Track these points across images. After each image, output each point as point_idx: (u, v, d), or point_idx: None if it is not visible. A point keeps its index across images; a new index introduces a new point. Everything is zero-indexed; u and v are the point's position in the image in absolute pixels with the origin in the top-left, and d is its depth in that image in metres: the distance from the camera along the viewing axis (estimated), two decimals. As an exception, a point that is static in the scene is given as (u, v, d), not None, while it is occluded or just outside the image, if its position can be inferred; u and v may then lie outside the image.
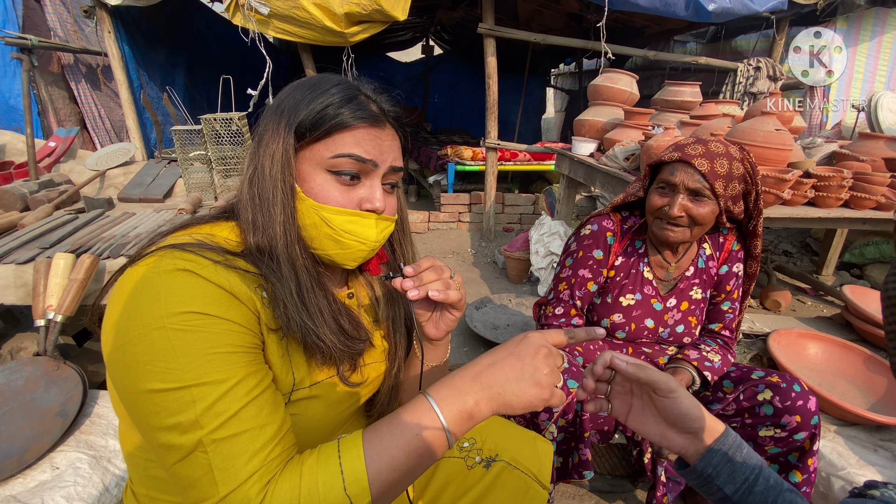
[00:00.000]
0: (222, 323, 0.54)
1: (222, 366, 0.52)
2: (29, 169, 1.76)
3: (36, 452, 1.04)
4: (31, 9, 3.68)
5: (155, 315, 0.51)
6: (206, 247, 0.58)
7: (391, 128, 0.68)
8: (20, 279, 1.24)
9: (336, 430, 0.73)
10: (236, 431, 0.51)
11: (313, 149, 0.63)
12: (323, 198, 0.63)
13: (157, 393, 0.50)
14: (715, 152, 1.08)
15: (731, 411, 1.21)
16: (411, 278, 0.65)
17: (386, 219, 0.68)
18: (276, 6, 2.93)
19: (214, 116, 1.74)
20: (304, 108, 0.63)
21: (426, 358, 0.77)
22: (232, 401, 0.52)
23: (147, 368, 0.51)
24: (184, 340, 0.51)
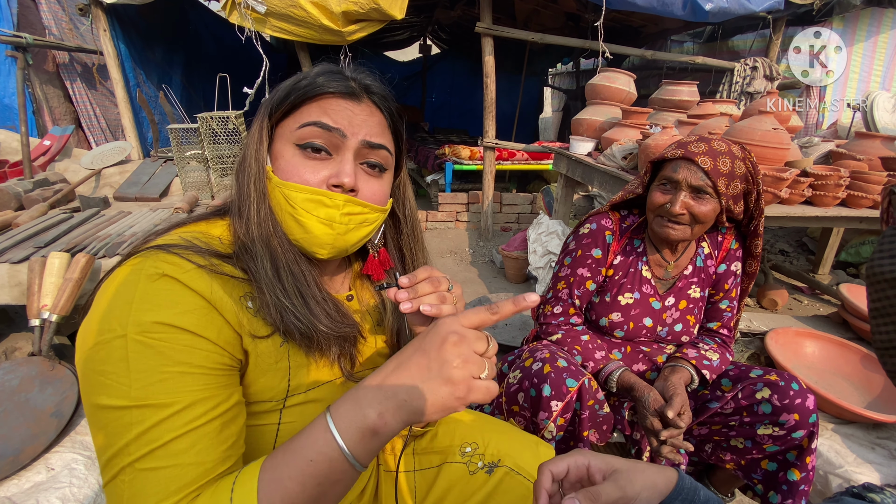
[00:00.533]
0: (189, 338, 0.51)
1: (172, 388, 0.49)
2: (24, 168, 1.75)
3: (31, 453, 1.03)
4: (25, 7, 3.66)
5: (122, 321, 0.50)
6: (195, 249, 0.57)
7: (371, 103, 0.65)
8: (14, 278, 1.23)
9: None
10: (158, 465, 0.47)
11: (284, 124, 0.63)
12: (289, 173, 0.61)
13: (103, 409, 0.49)
14: (718, 150, 1.08)
15: (730, 409, 1.21)
16: (406, 289, 0.60)
17: (358, 203, 0.62)
18: (274, 4, 2.92)
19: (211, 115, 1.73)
20: (282, 89, 0.63)
21: None
22: (166, 430, 0.48)
23: (100, 380, 0.49)
24: (141, 354, 0.49)
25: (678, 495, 0.53)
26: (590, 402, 1.08)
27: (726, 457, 1.25)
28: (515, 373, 1.17)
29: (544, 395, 1.06)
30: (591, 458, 0.55)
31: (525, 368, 1.14)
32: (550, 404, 1.05)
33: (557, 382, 1.06)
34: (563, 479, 0.56)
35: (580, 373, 1.10)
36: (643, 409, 1.08)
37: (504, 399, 1.18)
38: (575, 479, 0.56)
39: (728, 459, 1.25)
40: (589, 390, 1.08)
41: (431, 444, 0.90)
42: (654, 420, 1.05)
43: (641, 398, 1.09)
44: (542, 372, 1.10)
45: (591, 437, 1.14)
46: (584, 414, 1.08)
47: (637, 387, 1.12)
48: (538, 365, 1.12)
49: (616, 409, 1.29)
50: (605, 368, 1.20)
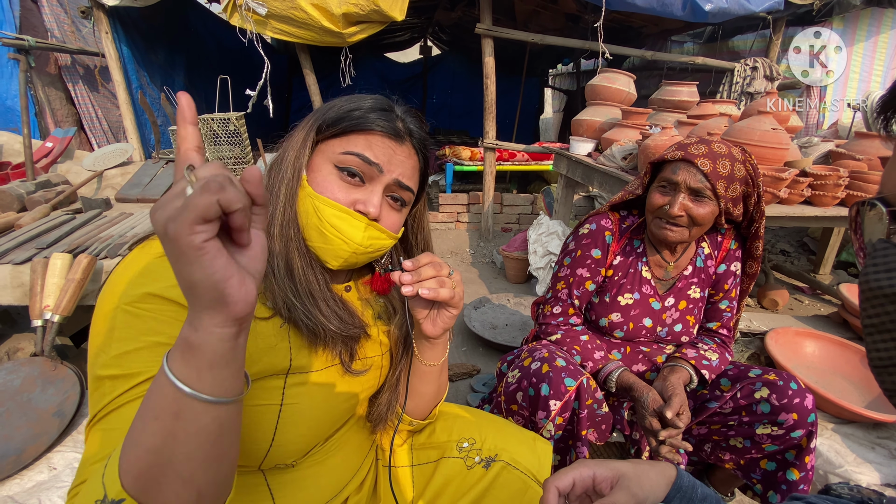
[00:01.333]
0: (175, 309, 0.52)
1: (144, 357, 0.50)
2: (26, 169, 1.76)
3: (33, 453, 1.04)
4: (28, 9, 3.67)
5: (119, 293, 0.53)
6: None
7: (411, 147, 0.69)
8: (17, 279, 1.24)
9: (333, 425, 0.74)
10: (116, 426, 0.48)
11: (329, 143, 0.66)
12: (322, 188, 0.64)
13: (92, 378, 0.52)
14: (718, 153, 1.09)
15: (729, 409, 1.21)
16: (409, 273, 0.64)
17: (379, 229, 0.67)
18: (274, 7, 2.93)
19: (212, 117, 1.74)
20: (334, 109, 0.67)
21: (424, 357, 0.78)
22: (128, 397, 0.49)
23: (91, 350, 0.53)
24: (125, 323, 0.51)
25: (676, 492, 0.53)
26: (588, 402, 1.08)
27: (725, 456, 1.25)
28: (514, 372, 1.17)
29: (543, 394, 1.07)
30: (595, 467, 0.55)
31: (524, 368, 1.15)
32: (549, 403, 1.06)
33: (556, 382, 1.07)
34: (569, 493, 0.56)
35: (579, 372, 1.11)
36: (642, 408, 1.08)
37: (503, 398, 1.18)
38: (581, 491, 0.56)
39: (727, 459, 1.25)
40: (587, 390, 1.09)
41: (429, 440, 0.92)
42: (652, 420, 1.06)
43: (640, 398, 1.09)
44: (540, 371, 1.10)
45: (590, 436, 1.15)
46: (583, 413, 1.08)
47: (636, 387, 1.12)
48: (537, 364, 1.12)
49: (615, 409, 1.29)
50: (605, 368, 1.20)
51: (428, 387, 0.81)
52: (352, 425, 0.81)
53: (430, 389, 0.82)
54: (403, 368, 0.81)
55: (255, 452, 0.64)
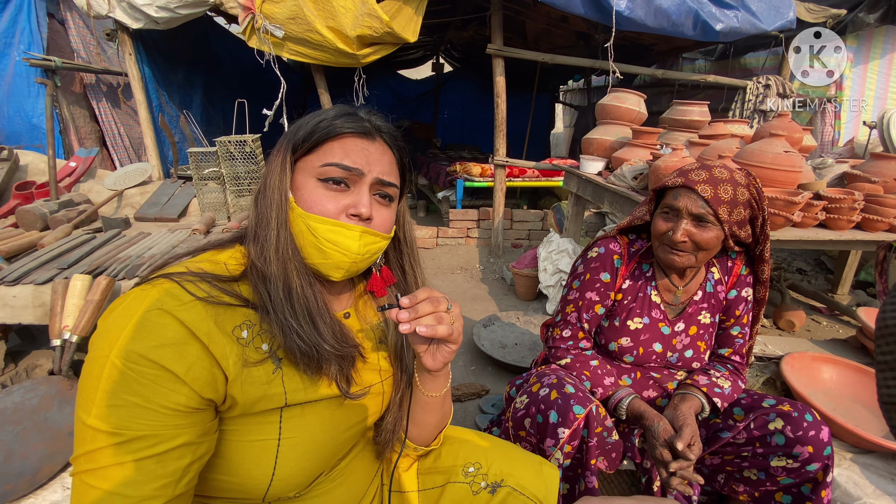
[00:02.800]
0: (161, 375, 0.55)
1: (124, 415, 0.54)
2: (50, 189, 1.82)
3: (48, 472, 1.06)
4: (55, 31, 3.84)
5: (111, 344, 0.55)
6: (200, 277, 0.62)
7: (382, 142, 0.72)
8: (38, 299, 1.27)
9: (336, 455, 0.74)
10: (95, 484, 0.53)
11: (307, 160, 0.68)
12: (312, 204, 0.66)
13: (77, 418, 0.56)
14: (719, 178, 1.09)
15: (742, 440, 1.19)
16: (407, 310, 0.64)
17: (373, 233, 0.69)
18: (291, 29, 3.01)
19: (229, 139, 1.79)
20: (303, 127, 0.69)
21: (427, 389, 0.78)
22: (107, 455, 0.53)
23: (79, 391, 0.56)
24: (112, 378, 0.54)
25: None
26: (598, 430, 1.07)
27: (739, 488, 1.22)
28: (522, 398, 1.17)
29: (551, 421, 1.06)
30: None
31: (532, 394, 1.14)
32: (557, 431, 1.05)
33: (565, 409, 1.06)
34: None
35: (588, 399, 1.10)
36: (653, 438, 1.07)
37: (511, 424, 1.17)
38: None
39: (741, 491, 1.22)
40: (597, 417, 1.08)
41: (435, 464, 0.91)
42: (663, 451, 1.04)
43: (651, 427, 1.08)
44: (549, 398, 1.09)
45: (600, 464, 1.13)
46: (592, 441, 1.07)
47: (647, 415, 1.11)
48: (545, 391, 1.12)
49: (626, 437, 1.27)
50: (615, 395, 1.19)
51: (431, 416, 0.82)
52: (356, 454, 0.81)
53: (433, 419, 0.82)
54: (406, 391, 0.81)
55: (256, 487, 0.64)
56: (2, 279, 1.30)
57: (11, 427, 1.14)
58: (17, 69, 3.62)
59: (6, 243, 1.46)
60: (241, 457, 0.63)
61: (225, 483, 0.64)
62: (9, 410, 1.16)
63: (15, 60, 3.60)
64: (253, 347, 0.63)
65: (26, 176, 2.12)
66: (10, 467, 1.07)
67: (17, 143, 3.66)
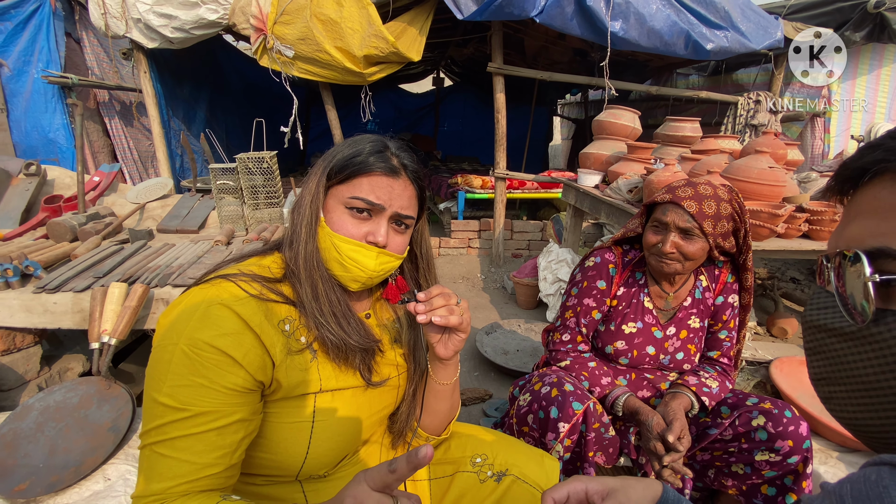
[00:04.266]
0: (222, 360, 0.65)
1: (190, 395, 0.64)
2: (78, 202, 1.93)
3: (91, 465, 1.15)
4: (71, 49, 3.98)
5: (180, 332, 0.65)
6: (253, 277, 0.73)
7: (406, 179, 0.80)
8: (77, 306, 1.37)
9: (359, 439, 0.84)
10: (166, 454, 0.63)
11: (339, 188, 0.77)
12: (339, 227, 0.76)
13: (146, 397, 0.65)
14: (703, 194, 1.20)
15: (729, 436, 1.28)
16: (423, 303, 0.75)
17: (388, 254, 0.78)
18: (301, 50, 3.15)
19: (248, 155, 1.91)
20: (339, 156, 0.78)
21: (438, 377, 0.87)
22: (175, 428, 0.63)
23: (150, 374, 0.66)
24: (180, 362, 0.64)
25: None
26: (595, 425, 1.16)
27: (728, 482, 1.31)
28: (525, 396, 1.26)
29: (552, 416, 1.16)
30: (588, 482, 0.63)
31: (534, 392, 1.24)
32: (558, 426, 1.15)
33: (564, 405, 1.16)
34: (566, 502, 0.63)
35: (586, 397, 1.20)
36: (647, 432, 1.16)
37: (515, 420, 1.27)
38: (576, 503, 0.63)
39: (730, 485, 1.31)
40: (594, 413, 1.17)
41: (445, 456, 1.00)
42: (656, 443, 1.13)
43: (645, 422, 1.18)
44: (550, 395, 1.19)
45: (598, 459, 1.22)
46: (590, 436, 1.17)
47: (642, 411, 1.20)
48: (546, 389, 1.22)
49: (623, 434, 1.37)
50: (612, 393, 1.28)
51: (442, 404, 0.91)
52: (375, 441, 0.91)
53: (444, 406, 0.91)
54: (419, 383, 0.91)
55: (292, 465, 0.75)
56: (43, 287, 1.40)
57: (54, 424, 1.23)
58: (35, 86, 3.76)
59: (43, 254, 1.57)
60: (281, 436, 0.74)
61: (265, 460, 0.74)
62: (51, 409, 1.25)
63: (33, 78, 3.74)
64: (294, 339, 0.73)
65: (53, 190, 2.23)
66: (54, 460, 1.16)
67: (33, 156, 3.78)
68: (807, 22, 3.97)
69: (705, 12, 3.36)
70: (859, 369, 0.41)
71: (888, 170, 0.38)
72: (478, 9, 3.05)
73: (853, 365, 0.42)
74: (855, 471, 0.35)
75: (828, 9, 3.94)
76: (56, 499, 1.10)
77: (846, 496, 0.29)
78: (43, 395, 1.27)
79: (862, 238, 0.40)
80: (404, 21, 3.25)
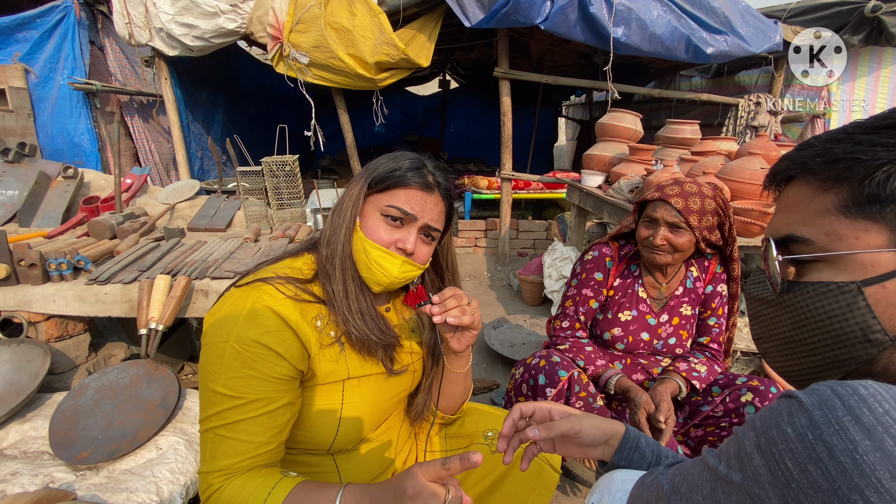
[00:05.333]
0: (265, 352, 0.74)
1: (244, 385, 0.73)
2: (115, 203, 2.08)
3: (145, 435, 1.29)
4: (95, 56, 4.16)
5: (229, 331, 0.74)
6: (288, 280, 0.82)
7: (439, 195, 0.89)
8: (125, 296, 1.52)
9: (381, 418, 0.96)
10: (227, 435, 0.73)
11: (377, 196, 0.86)
12: (372, 231, 0.84)
13: (204, 387, 0.75)
14: (689, 192, 1.33)
15: (720, 412, 1.41)
16: (437, 305, 0.82)
17: (412, 264, 0.86)
18: (315, 57, 3.30)
19: (272, 159, 2.06)
20: (381, 168, 0.87)
21: (452, 366, 0.97)
22: (234, 413, 0.73)
23: (205, 367, 0.75)
24: (232, 357, 0.73)
25: (626, 444, 0.72)
26: (582, 394, 1.30)
27: (719, 455, 1.43)
28: (520, 369, 1.43)
29: (540, 383, 1.31)
30: (553, 405, 0.76)
31: (527, 364, 1.40)
32: (545, 391, 1.29)
33: (551, 373, 1.32)
34: (530, 417, 0.76)
35: (571, 366, 1.35)
36: (634, 407, 1.30)
37: (512, 392, 1.42)
38: (539, 419, 0.75)
39: (720, 458, 1.43)
40: (579, 381, 1.32)
41: (460, 430, 1.13)
42: (642, 417, 1.27)
43: (634, 399, 1.31)
44: (538, 365, 1.36)
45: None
46: (576, 402, 1.30)
47: (632, 389, 1.33)
48: (536, 360, 1.39)
49: (620, 414, 1.49)
50: (605, 374, 1.41)
51: (456, 389, 1.03)
52: (394, 417, 1.03)
53: (458, 391, 1.03)
54: (435, 376, 1.02)
55: (324, 441, 0.86)
56: (94, 279, 1.54)
57: (109, 400, 1.37)
58: (60, 92, 3.94)
59: (89, 250, 1.72)
60: (315, 416, 0.85)
61: (301, 437, 0.86)
62: (106, 387, 1.40)
63: (59, 84, 3.92)
64: (325, 334, 0.83)
65: (89, 192, 2.39)
66: (111, 432, 1.30)
67: (59, 159, 3.96)
68: (805, 26, 4.07)
69: (705, 17, 3.46)
70: (780, 328, 0.53)
71: (794, 176, 0.51)
72: (485, 17, 3.18)
73: (777, 325, 0.53)
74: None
75: (826, 13, 4.03)
76: (115, 465, 1.25)
77: (756, 419, 0.41)
78: (97, 375, 1.42)
79: (778, 227, 0.52)
80: (414, 28, 3.38)
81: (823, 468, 0.33)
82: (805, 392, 0.37)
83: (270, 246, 1.80)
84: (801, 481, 0.34)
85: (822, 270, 0.48)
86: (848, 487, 0.31)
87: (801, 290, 0.49)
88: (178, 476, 1.22)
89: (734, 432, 0.42)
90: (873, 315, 0.44)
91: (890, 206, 0.42)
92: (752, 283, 0.59)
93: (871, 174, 0.43)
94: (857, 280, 0.44)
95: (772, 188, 0.55)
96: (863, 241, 0.44)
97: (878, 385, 0.34)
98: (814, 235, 0.47)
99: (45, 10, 3.87)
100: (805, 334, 0.49)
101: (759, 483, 0.37)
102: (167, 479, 1.20)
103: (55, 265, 1.55)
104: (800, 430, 0.35)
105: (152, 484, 1.18)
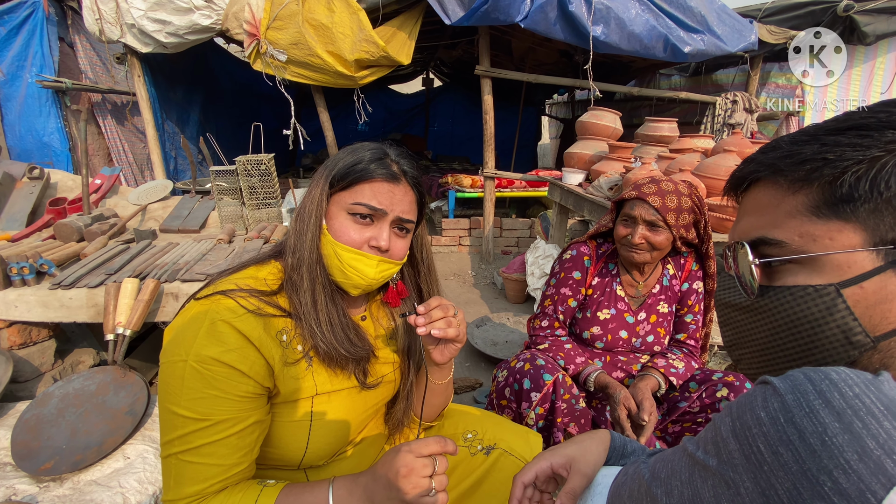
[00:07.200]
0: (227, 371, 0.69)
1: (208, 406, 0.68)
2: (83, 205, 2.01)
3: (111, 444, 1.25)
4: (65, 54, 4.03)
5: (188, 350, 0.69)
6: (251, 292, 0.76)
7: (406, 184, 0.83)
8: (91, 300, 1.47)
9: (355, 432, 0.91)
10: (192, 460, 0.68)
11: (341, 195, 0.80)
12: (341, 233, 0.78)
13: (164, 408, 0.70)
14: (666, 190, 1.33)
15: (697, 408, 1.42)
16: (423, 315, 0.78)
17: (388, 261, 0.81)
18: (294, 54, 3.25)
19: (247, 159, 2.01)
20: (341, 164, 0.81)
21: (433, 377, 0.93)
22: (199, 437, 0.68)
23: (165, 387, 0.70)
24: (193, 377, 0.68)
25: (613, 453, 0.70)
26: (566, 396, 1.29)
27: (695, 451, 1.44)
28: (503, 372, 1.40)
29: (525, 387, 1.29)
30: (550, 457, 0.70)
31: (510, 368, 1.38)
32: (531, 395, 1.28)
33: (536, 377, 1.30)
34: (536, 481, 0.70)
35: (556, 369, 1.33)
36: (614, 403, 1.30)
37: (495, 395, 1.40)
38: (544, 480, 0.71)
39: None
40: (563, 384, 1.31)
41: (439, 432, 1.10)
42: (621, 412, 1.27)
43: (613, 395, 1.31)
44: (523, 369, 1.33)
45: (572, 430, 1.35)
46: (560, 405, 1.30)
47: (611, 385, 1.34)
48: (520, 364, 1.36)
49: (600, 411, 1.49)
50: (585, 370, 1.41)
51: (437, 398, 0.99)
52: (371, 427, 0.99)
53: (439, 401, 1.01)
54: (417, 386, 0.98)
55: (294, 457, 0.81)
56: (59, 283, 1.49)
57: (74, 409, 1.33)
58: (29, 90, 3.80)
59: (54, 253, 1.65)
60: (283, 433, 0.80)
61: (270, 453, 0.82)
62: (70, 395, 1.35)
63: (27, 82, 3.79)
64: (291, 348, 0.77)
65: (56, 193, 2.31)
66: (76, 441, 1.26)
67: (28, 159, 3.83)
68: (780, 25, 4.15)
69: (683, 17, 3.50)
70: (755, 334, 0.51)
71: (760, 178, 0.49)
72: (465, 14, 3.17)
73: (751, 331, 0.52)
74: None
75: (800, 12, 4.12)
76: (81, 476, 1.20)
77: (733, 406, 0.41)
78: (62, 383, 1.37)
79: (747, 231, 0.50)
80: (394, 26, 3.35)
81: (794, 450, 0.33)
82: (780, 378, 0.38)
83: (244, 247, 1.76)
84: (772, 463, 0.34)
85: (796, 273, 0.47)
86: (817, 469, 0.32)
87: (777, 294, 0.47)
88: (146, 486, 1.18)
89: (712, 419, 0.42)
90: (854, 317, 0.43)
91: (863, 206, 0.42)
92: (723, 288, 0.57)
93: (842, 175, 0.42)
94: (835, 282, 0.44)
95: (737, 192, 0.54)
96: (837, 241, 0.43)
97: (849, 371, 0.35)
98: (787, 237, 0.46)
99: (11, 7, 3.73)
100: (783, 340, 0.48)
101: (733, 467, 0.37)
102: (135, 489, 1.16)
103: (17, 269, 1.49)
104: (772, 413, 0.36)
105: (119, 494, 1.14)
